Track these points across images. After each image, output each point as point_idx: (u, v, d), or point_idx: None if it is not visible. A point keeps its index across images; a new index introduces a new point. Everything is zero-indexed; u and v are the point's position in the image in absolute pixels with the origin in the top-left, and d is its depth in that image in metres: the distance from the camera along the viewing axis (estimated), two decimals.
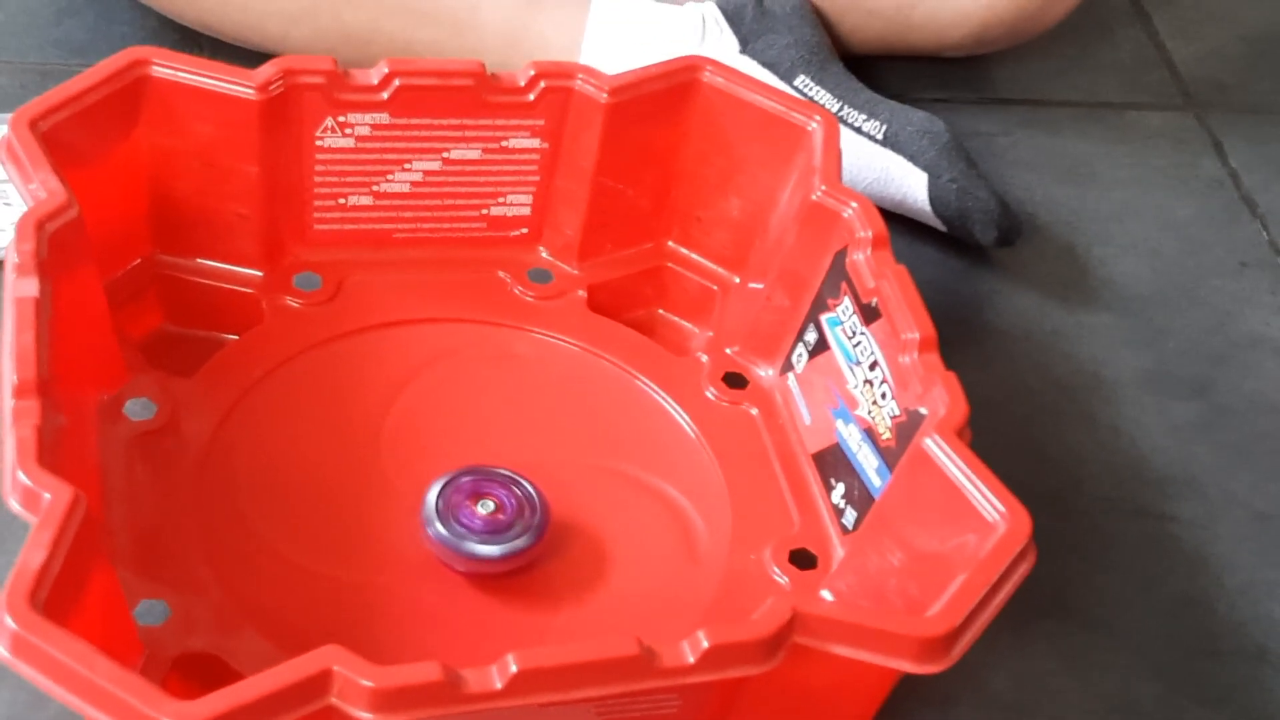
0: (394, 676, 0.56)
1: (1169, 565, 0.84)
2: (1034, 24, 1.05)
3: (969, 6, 1.03)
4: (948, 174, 0.94)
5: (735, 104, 0.83)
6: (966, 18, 1.04)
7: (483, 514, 0.72)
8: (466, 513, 0.72)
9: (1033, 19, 1.05)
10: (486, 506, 0.72)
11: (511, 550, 0.71)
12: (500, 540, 0.71)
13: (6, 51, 1.01)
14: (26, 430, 0.61)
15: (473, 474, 0.73)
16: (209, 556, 0.70)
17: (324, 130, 0.81)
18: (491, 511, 0.72)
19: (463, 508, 0.72)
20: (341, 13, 0.96)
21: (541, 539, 0.72)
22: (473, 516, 0.71)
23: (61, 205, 0.69)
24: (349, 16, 0.96)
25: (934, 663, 0.61)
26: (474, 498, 0.72)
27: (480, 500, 0.72)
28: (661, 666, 0.59)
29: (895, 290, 0.75)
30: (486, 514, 0.72)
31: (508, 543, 0.71)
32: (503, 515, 0.72)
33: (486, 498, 0.72)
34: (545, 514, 0.73)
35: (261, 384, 0.78)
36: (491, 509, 0.72)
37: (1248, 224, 1.06)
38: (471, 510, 0.72)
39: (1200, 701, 0.78)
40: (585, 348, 0.84)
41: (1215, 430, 0.92)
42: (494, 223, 0.86)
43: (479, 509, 0.72)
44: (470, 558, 0.71)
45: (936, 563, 0.67)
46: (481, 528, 0.71)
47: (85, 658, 0.55)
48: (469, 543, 0.71)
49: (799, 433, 0.81)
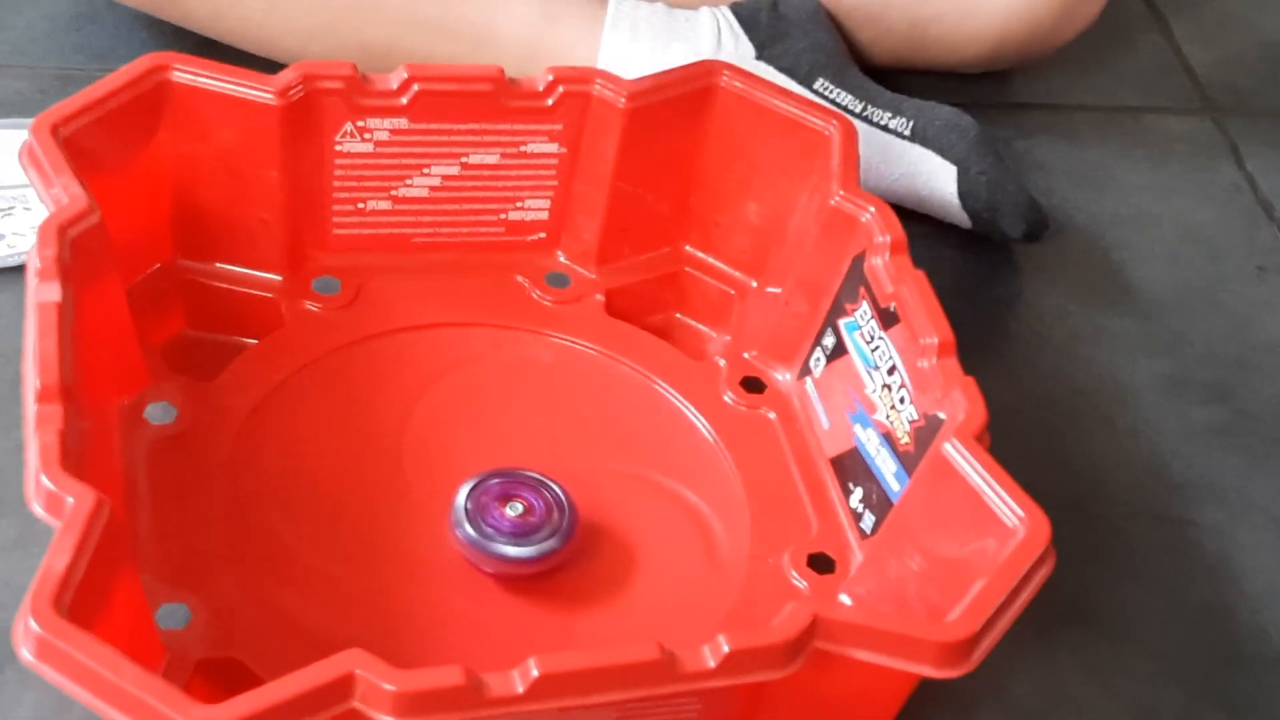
0: (416, 680, 0.56)
1: (1190, 571, 0.84)
2: (1048, 42, 1.05)
3: (983, 26, 1.03)
4: (977, 167, 0.94)
5: (753, 109, 0.84)
6: (981, 37, 1.04)
7: (511, 516, 0.72)
8: (495, 514, 0.72)
9: (1047, 38, 1.05)
10: (515, 508, 0.72)
11: (540, 553, 0.72)
12: (529, 542, 0.72)
13: (27, 57, 1.01)
14: (50, 435, 0.62)
15: (501, 476, 0.73)
16: (231, 560, 0.70)
17: (343, 135, 0.81)
18: (520, 514, 0.72)
19: (491, 509, 0.72)
20: (360, 29, 0.96)
21: (570, 541, 0.73)
22: (501, 518, 0.72)
23: (83, 211, 0.70)
24: (368, 33, 0.96)
25: (955, 667, 0.61)
26: (503, 499, 0.72)
27: (509, 502, 0.72)
28: (682, 671, 0.59)
29: (914, 295, 0.75)
30: (515, 516, 0.72)
31: (536, 545, 0.72)
32: (532, 517, 0.72)
33: (515, 499, 0.73)
34: (573, 516, 0.73)
35: (282, 388, 0.78)
36: (520, 511, 0.72)
37: (1265, 228, 1.06)
38: (500, 512, 0.72)
39: (1222, 708, 0.78)
40: (603, 352, 0.84)
41: (1235, 435, 0.91)
42: (512, 227, 0.86)
43: (508, 511, 0.72)
44: (499, 559, 0.71)
45: (956, 567, 0.67)
46: (510, 529, 0.72)
47: (109, 661, 0.55)
48: (497, 544, 0.71)
49: (817, 437, 0.81)
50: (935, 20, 1.04)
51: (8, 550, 0.73)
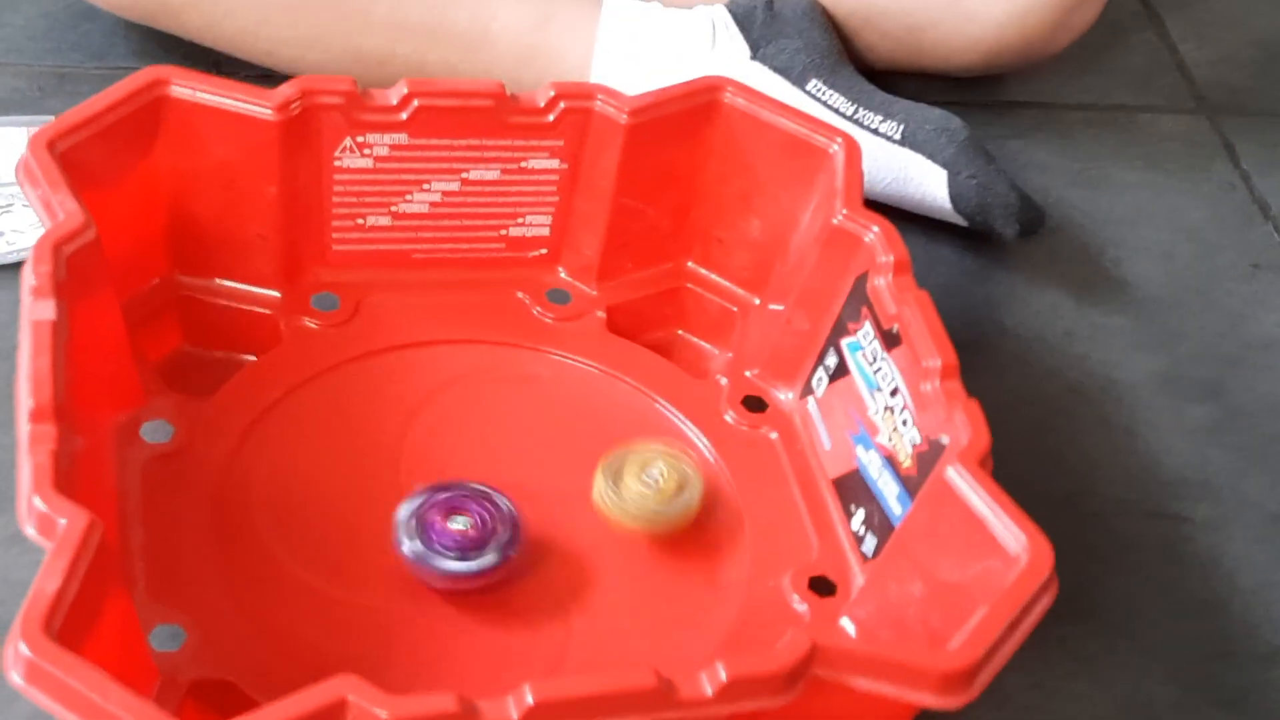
0: (409, 706, 0.56)
1: (1183, 567, 0.84)
2: (1043, 49, 1.05)
3: (978, 32, 1.03)
4: (967, 170, 0.94)
5: (756, 125, 0.83)
6: (976, 43, 1.04)
7: (455, 530, 0.71)
8: (439, 529, 0.71)
9: (1042, 45, 1.05)
10: (459, 522, 0.71)
11: (483, 567, 0.71)
12: (472, 557, 0.71)
13: (25, 55, 1.01)
14: (42, 455, 0.61)
15: (445, 490, 0.72)
16: (225, 581, 0.70)
17: (342, 150, 0.80)
18: (464, 528, 0.71)
19: (435, 523, 0.71)
20: (353, 38, 0.96)
21: (515, 555, 0.72)
22: (445, 533, 0.71)
23: (79, 227, 0.69)
24: (363, 42, 0.96)
25: (956, 697, 0.61)
26: (447, 514, 0.71)
27: (452, 516, 0.71)
28: (679, 698, 0.58)
29: (917, 316, 0.74)
30: (459, 530, 0.71)
31: (479, 559, 0.71)
32: (474, 532, 0.71)
33: (460, 514, 0.72)
34: (517, 530, 0.72)
35: (279, 405, 0.78)
36: (464, 525, 0.71)
37: (1260, 227, 1.06)
38: (444, 526, 0.71)
39: (1215, 703, 0.78)
40: (604, 369, 0.83)
41: (1229, 432, 0.92)
42: (513, 243, 0.86)
43: (450, 525, 0.71)
44: (442, 574, 0.70)
45: (957, 593, 0.66)
46: (453, 544, 0.71)
47: (99, 685, 0.54)
48: (440, 559, 0.70)
49: (818, 457, 0.80)
50: (931, 27, 1.04)
51: (6, 545, 0.73)
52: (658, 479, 0.74)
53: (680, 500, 0.75)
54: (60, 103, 0.95)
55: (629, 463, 0.75)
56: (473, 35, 0.96)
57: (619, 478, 0.74)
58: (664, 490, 0.74)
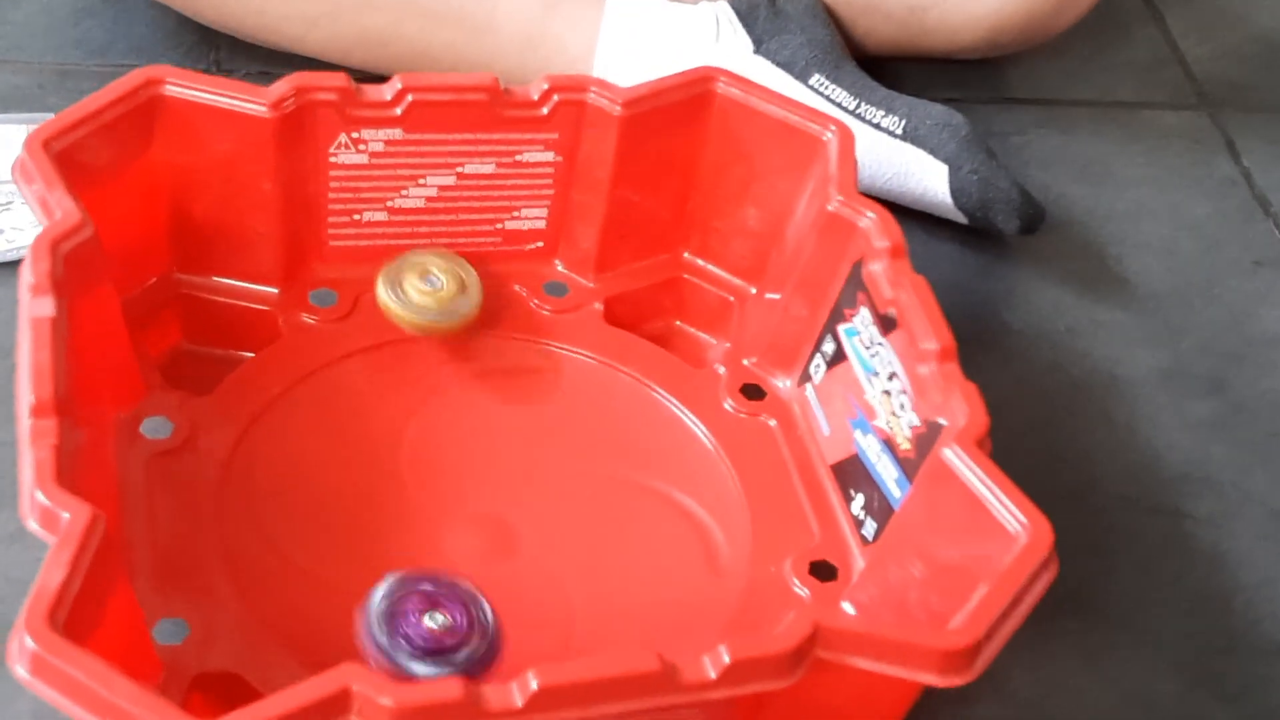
0: (414, 694, 0.56)
1: (1186, 562, 0.84)
2: (1046, 28, 1.06)
3: (981, 11, 1.04)
4: (968, 165, 0.94)
5: (750, 114, 0.83)
6: (979, 22, 1.04)
7: (431, 627, 0.64)
8: (414, 621, 0.64)
9: (1045, 23, 1.05)
10: (436, 619, 0.65)
11: (452, 671, 0.63)
12: (441, 661, 0.64)
13: (25, 51, 1.01)
14: (44, 450, 0.61)
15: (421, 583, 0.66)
16: (227, 574, 0.70)
17: (338, 146, 0.80)
18: (441, 627, 0.64)
19: (410, 616, 0.64)
20: (360, 16, 0.96)
21: (487, 668, 0.65)
22: (420, 629, 0.64)
23: (76, 225, 0.69)
24: (368, 20, 0.96)
25: (958, 675, 0.61)
26: (423, 609, 0.65)
27: (429, 612, 0.65)
28: (683, 682, 0.59)
29: (913, 300, 0.74)
30: (435, 628, 0.64)
31: (448, 665, 0.64)
32: (450, 638, 0.64)
33: (438, 610, 0.65)
34: (496, 640, 0.65)
35: (279, 401, 0.78)
36: (441, 624, 0.64)
37: (1261, 223, 1.06)
38: (419, 622, 0.64)
39: (1218, 698, 0.78)
40: (602, 360, 0.83)
41: (1231, 428, 0.92)
42: (509, 236, 0.86)
43: (426, 621, 0.64)
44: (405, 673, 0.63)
45: (958, 574, 0.67)
46: (425, 644, 0.63)
47: (105, 678, 0.54)
48: (404, 657, 0.63)
49: (817, 444, 0.80)
50: (933, 5, 1.04)
51: (6, 543, 0.73)
52: (438, 284, 0.77)
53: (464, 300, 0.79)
54: (61, 99, 0.95)
55: (408, 268, 0.79)
56: (478, 18, 0.97)
57: (398, 284, 0.78)
58: (443, 294, 0.79)
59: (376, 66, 0.97)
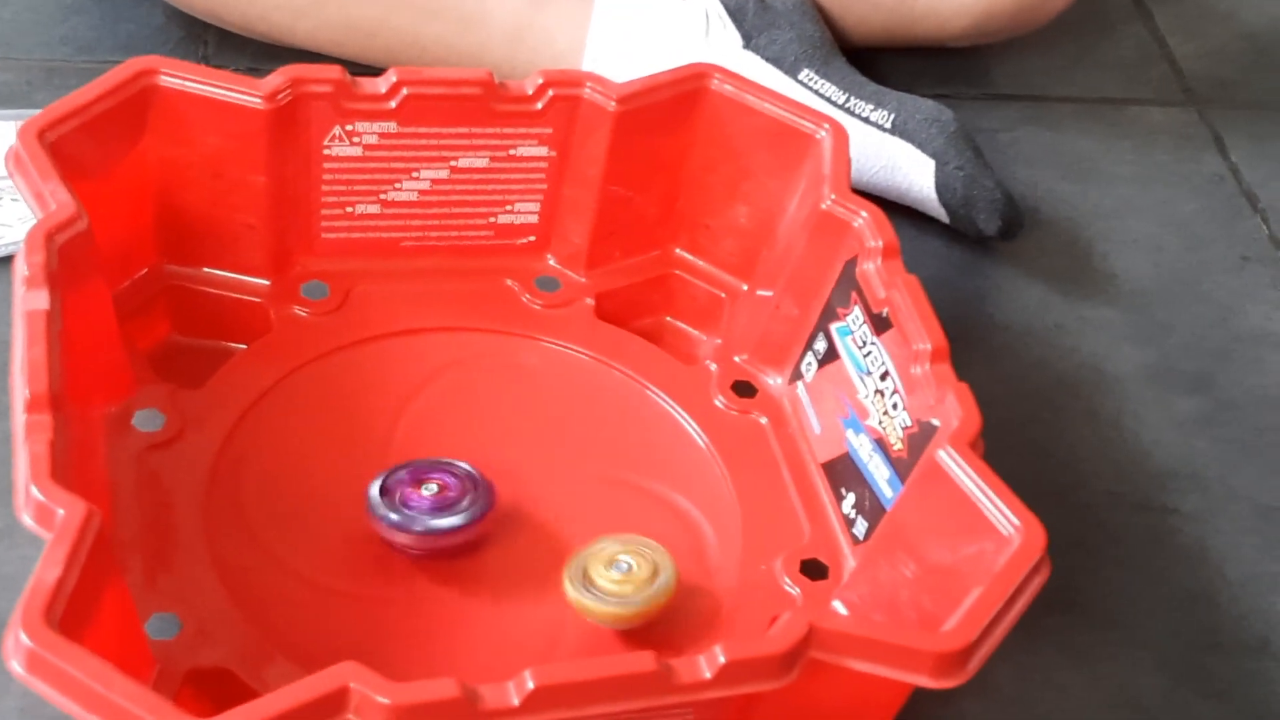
0: (411, 693, 0.56)
1: (1172, 559, 0.84)
2: (1035, 15, 1.06)
3: None
4: (954, 161, 0.95)
5: (743, 111, 0.83)
6: (968, 8, 1.05)
7: (428, 495, 0.72)
8: (413, 497, 0.72)
9: (1034, 10, 1.05)
10: (430, 489, 0.72)
11: (465, 522, 0.72)
12: (448, 515, 0.72)
13: (13, 49, 1.00)
14: (39, 445, 0.61)
15: (407, 467, 0.73)
16: (219, 569, 0.70)
17: (331, 139, 0.80)
18: (436, 493, 0.72)
19: (408, 494, 0.72)
20: (348, 6, 0.96)
21: (492, 510, 0.73)
22: (420, 499, 0.72)
23: (71, 217, 0.69)
24: (356, 11, 0.96)
25: (951, 677, 0.61)
26: (416, 484, 0.72)
27: (421, 484, 0.72)
28: (678, 682, 0.59)
29: (906, 300, 0.74)
30: (431, 495, 0.72)
31: (457, 515, 0.72)
32: (449, 493, 0.72)
33: (428, 481, 0.73)
34: (485, 488, 0.73)
35: (270, 394, 0.78)
36: (435, 490, 0.72)
37: (1249, 219, 1.06)
38: (417, 494, 0.72)
39: (1204, 694, 0.78)
40: (593, 356, 0.84)
41: (1218, 425, 0.92)
42: (502, 231, 0.86)
43: (423, 491, 0.72)
44: (425, 533, 0.71)
45: (950, 575, 0.67)
46: (429, 508, 0.72)
47: (101, 674, 0.54)
48: (422, 519, 0.71)
49: (809, 442, 0.81)
50: None
51: None
52: (629, 567, 0.71)
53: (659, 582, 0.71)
54: (48, 96, 0.93)
55: (592, 560, 0.71)
56: (468, 10, 0.97)
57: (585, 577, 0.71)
58: (638, 577, 0.71)
59: (366, 57, 0.97)
